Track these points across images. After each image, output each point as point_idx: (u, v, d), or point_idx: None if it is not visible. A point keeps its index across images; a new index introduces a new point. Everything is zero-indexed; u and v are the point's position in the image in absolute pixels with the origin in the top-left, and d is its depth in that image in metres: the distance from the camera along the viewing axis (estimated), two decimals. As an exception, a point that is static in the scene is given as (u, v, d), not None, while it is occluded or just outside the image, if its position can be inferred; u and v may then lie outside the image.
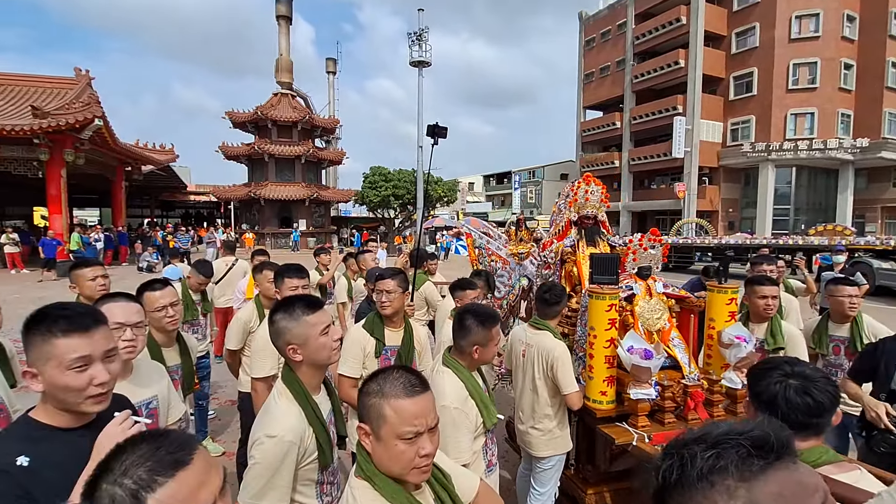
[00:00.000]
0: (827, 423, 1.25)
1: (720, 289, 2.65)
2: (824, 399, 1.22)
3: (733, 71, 28.84)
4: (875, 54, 26.25)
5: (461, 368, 1.92)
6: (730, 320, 2.62)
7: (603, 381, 2.49)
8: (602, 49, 35.11)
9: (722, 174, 29.33)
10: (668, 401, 2.42)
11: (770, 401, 1.26)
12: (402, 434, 1.08)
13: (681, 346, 2.68)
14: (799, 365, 1.30)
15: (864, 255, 13.95)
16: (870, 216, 27.62)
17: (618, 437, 2.32)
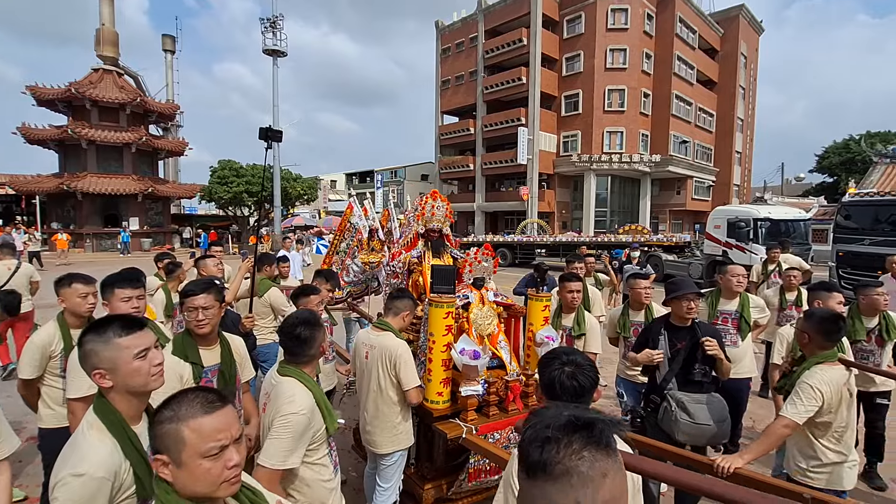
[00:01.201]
0: (589, 400, 1.55)
1: (537, 297, 3.08)
2: (587, 382, 1.51)
3: (564, 91, 33.00)
4: (664, 87, 32.46)
5: (305, 376, 1.94)
6: (544, 323, 3.04)
7: (440, 382, 2.68)
8: (457, 59, 37.16)
9: (557, 180, 33.41)
10: (492, 395, 2.75)
11: (549, 385, 1.53)
12: (207, 452, 1.06)
13: (506, 348, 3.03)
14: (573, 354, 1.58)
15: (657, 249, 17.40)
16: (662, 218, 34.17)
17: (450, 432, 2.54)
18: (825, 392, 2.25)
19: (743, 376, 3.74)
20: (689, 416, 2.64)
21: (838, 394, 2.30)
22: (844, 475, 2.38)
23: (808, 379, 2.30)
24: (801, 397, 2.27)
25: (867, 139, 32.11)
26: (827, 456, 2.37)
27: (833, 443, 2.37)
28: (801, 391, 2.28)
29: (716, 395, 2.75)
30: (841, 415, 2.34)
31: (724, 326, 3.77)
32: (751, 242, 13.08)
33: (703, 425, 2.62)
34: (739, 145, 38.88)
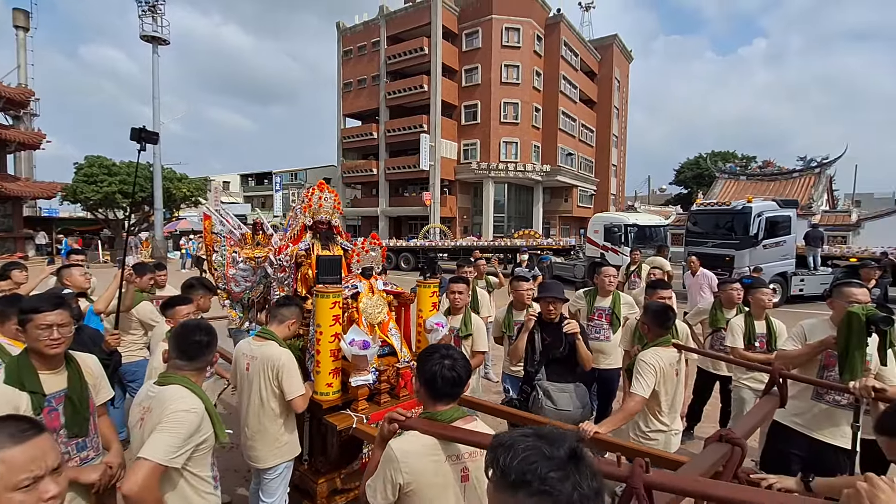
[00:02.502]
0: (461, 390, 1.70)
1: (425, 284, 3.11)
2: (463, 373, 1.66)
3: (464, 101, 34.33)
4: (552, 104, 35.29)
5: (192, 384, 1.88)
6: (433, 310, 3.10)
7: (329, 373, 2.63)
8: (359, 62, 36.84)
9: (458, 186, 34.59)
10: (384, 384, 2.77)
11: (431, 378, 1.63)
12: (19, 484, 1.00)
13: (397, 335, 3.09)
14: (449, 349, 1.71)
15: (548, 252, 18.91)
16: (553, 223, 37.02)
17: (340, 424, 2.51)
18: (657, 367, 2.70)
19: (614, 367, 4.13)
20: (553, 403, 2.95)
21: (666, 371, 2.76)
22: (671, 441, 2.87)
23: (643, 357, 2.75)
24: (642, 374, 2.69)
25: (712, 158, 37.95)
26: (657, 425, 2.83)
27: (663, 414, 2.83)
28: (641, 369, 2.71)
29: (580, 385, 3.11)
30: (669, 389, 2.81)
31: (599, 322, 4.22)
32: (623, 245, 14.86)
33: (564, 411, 2.92)
34: (615, 159, 43.56)
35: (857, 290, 2.69)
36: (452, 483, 1.57)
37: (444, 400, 1.64)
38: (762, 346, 3.89)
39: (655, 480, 1.16)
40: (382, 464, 1.55)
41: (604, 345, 4.15)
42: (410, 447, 1.55)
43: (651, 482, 1.15)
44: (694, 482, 1.21)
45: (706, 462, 1.64)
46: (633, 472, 1.14)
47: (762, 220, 12.29)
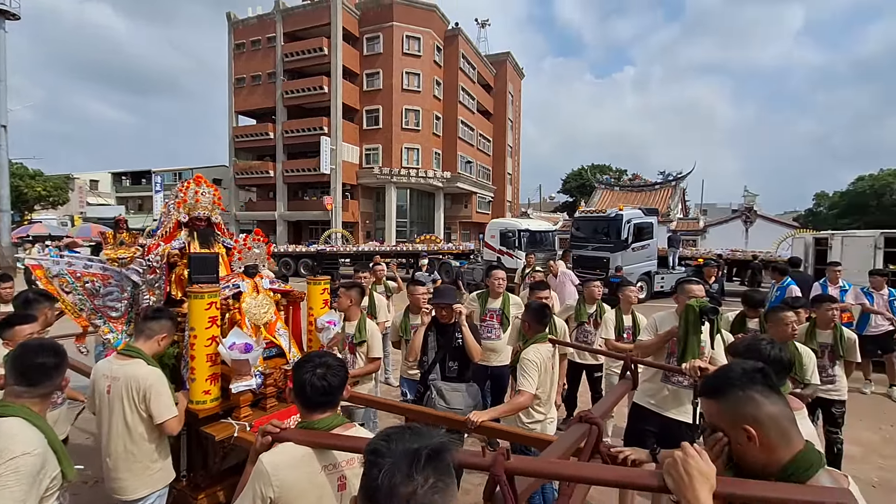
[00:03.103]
0: (338, 399, 1.63)
1: (315, 281, 3.04)
2: (336, 381, 1.60)
3: (366, 105, 34.01)
4: (452, 112, 36.38)
5: (32, 414, 1.68)
6: (324, 307, 3.03)
7: (206, 380, 2.45)
8: (253, 57, 34.73)
9: (360, 191, 34.11)
10: (270, 387, 2.62)
11: (300, 386, 1.59)
12: None
13: (285, 335, 2.95)
14: (325, 357, 1.64)
15: (449, 257, 19.43)
16: (454, 228, 38.07)
17: (219, 434, 2.34)
18: (538, 363, 2.95)
19: (504, 364, 4.24)
20: (446, 402, 3.06)
21: (544, 365, 3.02)
22: (547, 429, 3.12)
23: (526, 355, 2.99)
24: (527, 372, 2.91)
25: (592, 170, 41.88)
26: (535, 416, 3.08)
27: (540, 404, 3.08)
28: (525, 367, 2.92)
29: (473, 384, 3.27)
30: (546, 382, 3.07)
31: (490, 322, 4.46)
32: (517, 249, 15.81)
33: (456, 409, 3.03)
34: (510, 168, 46.11)
35: (695, 287, 3.20)
36: (329, 493, 1.55)
37: (319, 409, 1.58)
38: (629, 336, 4.45)
39: (516, 466, 1.28)
40: (252, 479, 1.49)
41: (495, 343, 4.42)
42: (282, 459, 1.50)
43: (512, 468, 1.26)
44: (548, 464, 1.38)
45: (569, 440, 1.81)
46: (495, 461, 1.24)
47: (631, 226, 13.89)
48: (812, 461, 1.06)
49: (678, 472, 1.00)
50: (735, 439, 1.11)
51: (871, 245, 7.59)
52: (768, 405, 1.09)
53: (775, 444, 1.08)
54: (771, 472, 1.09)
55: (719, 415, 1.15)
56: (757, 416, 1.09)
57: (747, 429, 1.08)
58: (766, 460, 1.08)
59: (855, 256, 7.47)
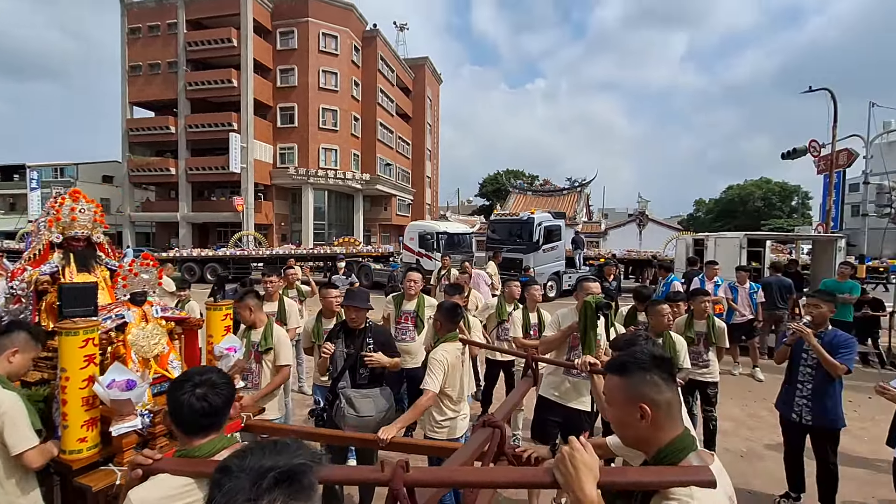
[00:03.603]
0: (223, 420, 1.48)
1: (216, 306, 2.77)
2: (219, 401, 1.43)
3: (280, 102, 32.47)
4: (371, 114, 35.95)
5: None
6: (225, 333, 2.77)
7: (81, 426, 2.15)
8: (151, 43, 31.65)
9: (274, 191, 32.47)
10: (159, 426, 2.32)
11: (176, 409, 1.40)
12: None
13: (179, 367, 2.68)
14: (208, 374, 1.48)
15: (368, 259, 19.10)
16: (373, 231, 37.60)
17: (97, 483, 2.07)
18: (445, 362, 2.95)
19: (418, 366, 4.23)
20: (355, 410, 2.95)
21: (454, 364, 3.04)
22: (458, 426, 3.15)
23: (434, 355, 2.99)
24: (432, 371, 2.91)
25: (507, 175, 43.57)
26: (447, 414, 3.10)
27: (452, 402, 3.10)
28: (431, 366, 2.93)
29: (385, 388, 3.18)
30: (455, 380, 3.09)
31: (405, 324, 4.46)
32: (435, 252, 15.96)
33: (366, 417, 2.92)
34: (429, 171, 46.58)
35: (592, 284, 3.42)
36: None
37: (200, 433, 1.42)
38: (535, 333, 4.66)
39: (416, 478, 1.26)
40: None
41: (409, 345, 4.42)
42: (152, 494, 1.34)
43: (412, 481, 1.24)
44: (447, 473, 1.38)
45: (473, 446, 1.80)
46: (393, 475, 1.22)
47: (542, 229, 14.64)
48: (686, 445, 1.16)
49: (565, 467, 1.04)
50: (627, 414, 1.18)
51: (737, 245, 8.70)
52: (666, 390, 1.18)
53: (662, 426, 1.16)
54: (648, 449, 1.18)
55: (620, 390, 1.20)
56: (655, 398, 1.16)
57: (643, 407, 1.15)
58: (649, 438, 1.17)
59: (725, 255, 8.50)
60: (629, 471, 1.18)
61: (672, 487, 1.07)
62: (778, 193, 48.53)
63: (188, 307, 5.55)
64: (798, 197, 48.32)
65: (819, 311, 3.50)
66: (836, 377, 3.35)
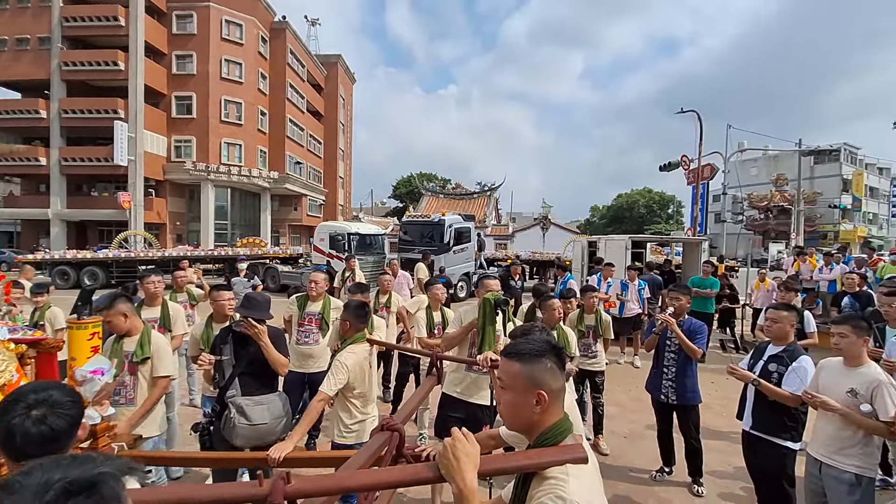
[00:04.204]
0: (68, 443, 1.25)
1: (80, 324, 2.45)
2: (62, 424, 1.22)
3: (175, 90, 29.58)
4: (279, 109, 34.12)
5: None
6: (91, 355, 2.43)
7: None
8: (19, 15, 27.15)
9: (168, 188, 29.48)
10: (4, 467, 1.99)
11: (8, 436, 1.17)
12: None
13: None
14: (49, 391, 1.26)
15: (275, 261, 18.03)
16: (282, 231, 35.70)
17: None
18: (350, 366, 2.83)
19: (322, 369, 4.05)
20: (247, 419, 2.71)
21: (361, 366, 2.94)
22: (368, 429, 3.01)
23: (339, 358, 2.85)
24: (333, 374, 2.77)
25: (420, 177, 43.82)
26: (357, 417, 3.00)
27: (361, 404, 3.01)
28: (334, 369, 2.80)
29: (281, 394, 2.98)
30: (363, 382, 2.99)
31: (309, 326, 4.23)
32: (346, 253, 15.52)
33: (260, 425, 2.72)
34: (342, 171, 45.38)
35: (492, 282, 3.49)
36: None
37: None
38: (439, 332, 4.66)
39: (298, 489, 1.20)
40: None
41: (313, 349, 4.21)
42: None
43: (294, 492, 1.18)
44: (331, 480, 1.31)
45: (370, 451, 1.78)
46: (273, 489, 1.15)
47: (452, 230, 14.89)
48: (565, 427, 1.20)
49: (447, 458, 1.04)
50: (524, 400, 1.18)
51: (623, 247, 9.55)
52: (559, 378, 1.21)
53: (551, 411, 1.19)
54: (533, 433, 1.20)
55: (519, 376, 1.20)
56: (551, 386, 1.18)
57: (541, 394, 1.16)
58: (538, 423, 1.19)
59: (614, 255, 9.28)
60: (510, 456, 1.19)
61: (551, 467, 1.10)
62: (658, 202, 54.33)
63: (49, 315, 4.78)
64: (673, 205, 54.41)
65: (679, 303, 3.94)
66: (693, 359, 3.78)
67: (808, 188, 35.28)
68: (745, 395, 3.36)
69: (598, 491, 1.17)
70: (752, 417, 3.22)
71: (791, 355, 3.06)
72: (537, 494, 1.07)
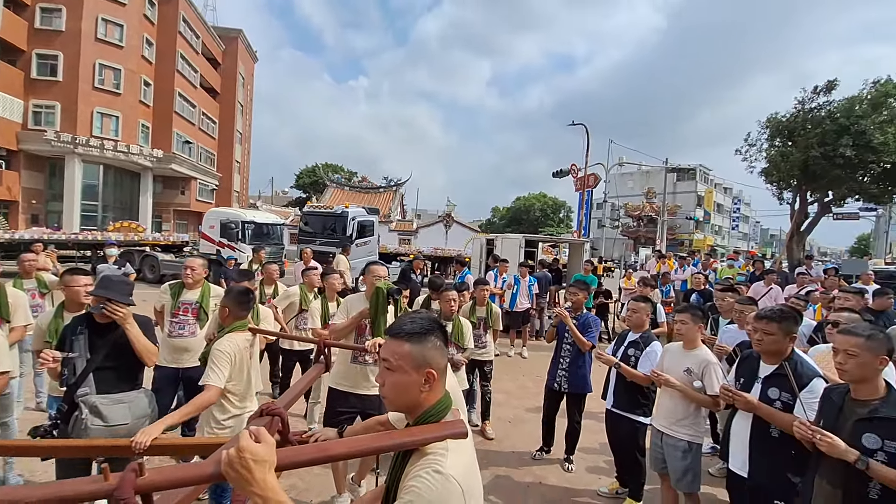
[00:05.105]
0: None
1: None
2: None
3: (37, 47, 24.90)
4: (167, 82, 30.45)
5: None
6: None
7: None
8: None
9: (23, 160, 24.81)
10: None
11: None
12: None
13: None
14: None
15: (155, 248, 16.10)
16: (166, 217, 32.02)
17: None
18: (232, 354, 2.63)
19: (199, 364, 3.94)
20: (103, 420, 2.41)
21: (241, 356, 2.71)
22: (244, 424, 2.85)
23: (218, 346, 2.63)
24: (217, 364, 2.55)
25: (325, 168, 42.23)
26: (231, 412, 2.76)
27: (238, 399, 2.78)
28: (216, 359, 2.57)
29: (145, 391, 2.69)
30: (242, 374, 2.77)
31: (184, 317, 3.83)
32: (240, 242, 14.40)
33: (118, 426, 2.44)
34: (239, 155, 41.94)
35: (380, 268, 3.43)
36: None
37: None
38: None
39: (151, 481, 1.06)
40: None
41: (189, 341, 3.81)
42: None
43: (145, 486, 1.05)
44: (186, 470, 1.18)
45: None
46: (121, 482, 1.00)
47: (355, 223, 14.56)
48: (447, 404, 1.20)
49: (237, 471, 0.91)
50: (413, 380, 1.15)
51: (517, 245, 10.11)
52: (445, 355, 1.21)
53: (436, 389, 1.18)
54: (415, 412, 1.19)
55: (408, 356, 1.16)
56: (440, 364, 1.18)
57: (431, 372, 1.15)
58: (422, 402, 1.17)
59: (509, 253, 9.78)
60: (390, 435, 1.17)
61: (431, 443, 1.09)
62: (551, 206, 58.38)
63: None
64: (564, 210, 58.85)
65: (576, 297, 4.25)
66: (584, 352, 4.09)
67: (671, 202, 40.45)
68: (609, 377, 3.74)
69: (474, 467, 1.19)
70: (613, 397, 3.59)
71: (646, 341, 3.47)
72: (414, 470, 1.06)
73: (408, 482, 1.04)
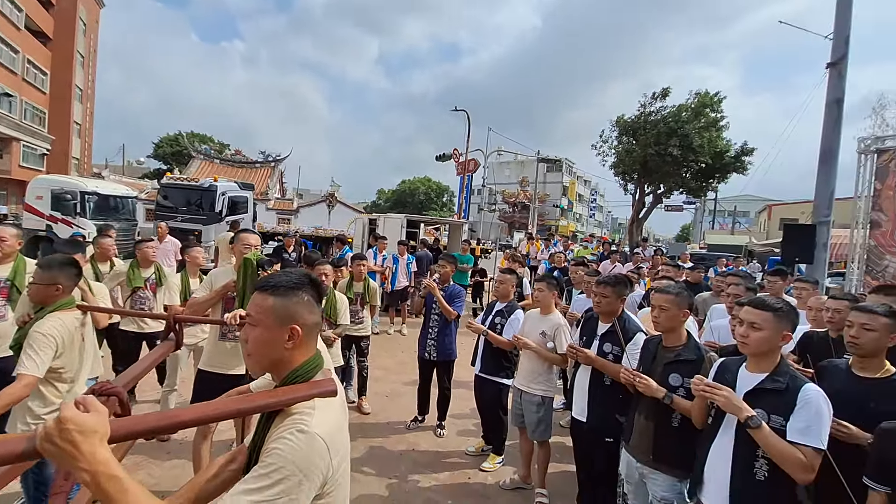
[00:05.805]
0: None
1: None
2: None
3: None
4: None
5: None
6: None
7: None
8: None
9: None
10: None
11: None
12: None
13: None
14: None
15: None
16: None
17: None
18: (58, 338, 2.23)
19: (10, 354, 3.27)
20: None
21: (71, 339, 2.32)
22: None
23: (38, 328, 2.20)
24: (36, 349, 2.14)
25: (191, 138, 37.41)
26: (55, 403, 2.33)
27: (66, 388, 2.37)
28: (36, 343, 2.15)
29: None
30: (73, 358, 2.37)
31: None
32: (78, 216, 12.06)
33: None
34: (79, 116, 34.94)
35: (250, 237, 3.12)
36: None
37: None
38: None
39: None
40: None
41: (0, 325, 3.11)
42: None
43: None
44: None
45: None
46: None
47: (225, 199, 13.16)
48: (318, 363, 1.14)
49: (54, 444, 0.74)
50: (276, 336, 1.08)
51: (399, 225, 10.15)
52: (316, 311, 1.14)
53: (304, 346, 1.11)
54: (281, 371, 1.11)
55: (271, 310, 1.08)
56: (307, 319, 1.10)
57: (295, 328, 1.07)
58: (288, 360, 1.10)
59: (391, 232, 9.75)
60: (254, 396, 1.09)
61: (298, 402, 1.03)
62: (435, 190, 59.63)
63: None
64: (447, 195, 60.57)
65: (444, 270, 4.37)
66: (450, 321, 4.23)
67: (542, 190, 44.09)
68: (478, 345, 3.94)
69: (342, 427, 1.14)
70: (480, 362, 3.81)
71: (510, 310, 3.72)
72: (278, 431, 0.98)
73: (270, 444, 0.97)
